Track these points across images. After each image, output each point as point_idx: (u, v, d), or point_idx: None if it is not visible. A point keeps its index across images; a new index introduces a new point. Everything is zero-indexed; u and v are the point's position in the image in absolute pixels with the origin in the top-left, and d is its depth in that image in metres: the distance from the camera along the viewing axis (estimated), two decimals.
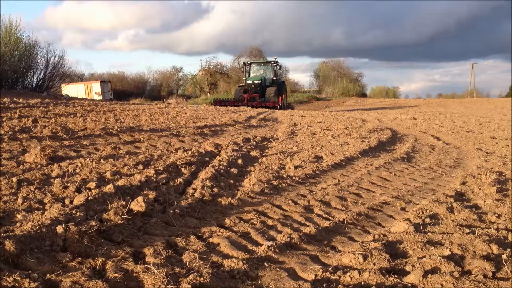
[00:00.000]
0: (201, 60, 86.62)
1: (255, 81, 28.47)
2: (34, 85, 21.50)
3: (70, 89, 27.85)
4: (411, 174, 4.85)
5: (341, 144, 6.64)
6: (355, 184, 4.16)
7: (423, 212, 3.13)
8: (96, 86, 37.28)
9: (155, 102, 17.87)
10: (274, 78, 30.18)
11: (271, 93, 28.07)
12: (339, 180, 4.32)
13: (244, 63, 31.74)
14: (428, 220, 2.96)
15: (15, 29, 20.36)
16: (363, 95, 61.74)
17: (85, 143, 5.03)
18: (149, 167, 3.94)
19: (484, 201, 3.55)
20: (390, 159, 5.68)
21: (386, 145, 7.13)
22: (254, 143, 6.18)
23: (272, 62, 30.81)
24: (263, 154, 5.38)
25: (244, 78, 30.32)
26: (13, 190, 2.82)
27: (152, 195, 2.98)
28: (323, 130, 8.47)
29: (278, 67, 30.72)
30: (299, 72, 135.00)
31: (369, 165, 5.20)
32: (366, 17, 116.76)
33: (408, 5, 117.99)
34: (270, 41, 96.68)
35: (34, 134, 5.07)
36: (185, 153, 4.75)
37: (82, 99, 17.43)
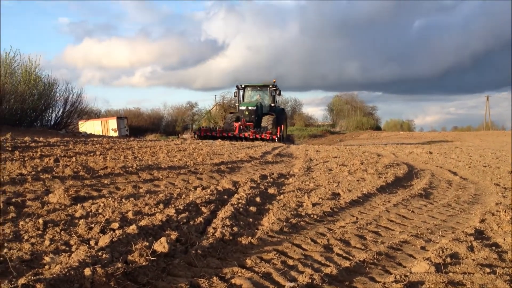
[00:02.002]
0: (215, 95, 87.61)
1: (250, 108, 24.68)
2: (52, 123, 21.91)
3: (87, 126, 28.27)
4: (429, 211, 4.85)
5: (357, 180, 6.66)
6: (373, 222, 4.17)
7: (443, 251, 3.14)
8: (112, 123, 37.84)
9: (170, 138, 17.93)
10: (272, 105, 26.64)
11: (269, 122, 24.35)
12: (357, 218, 4.34)
13: (237, 86, 27.06)
14: (448, 259, 2.97)
15: (34, 68, 20.91)
16: (378, 128, 61.74)
17: (106, 182, 5.12)
18: (170, 206, 4.00)
19: (504, 239, 3.54)
20: (407, 195, 5.68)
21: (403, 180, 7.13)
22: (271, 180, 6.23)
23: (270, 86, 26.76)
24: (281, 191, 5.42)
25: (237, 104, 26.66)
26: (40, 232, 2.90)
27: (174, 235, 3.03)
28: (339, 165, 8.49)
29: (277, 92, 26.84)
30: (313, 106, 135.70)
31: (387, 202, 5.21)
32: (381, 51, 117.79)
33: (423, 39, 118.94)
34: (284, 75, 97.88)
35: (56, 174, 5.18)
36: (203, 191, 4.82)
37: (100, 136, 17.69)
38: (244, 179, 5.81)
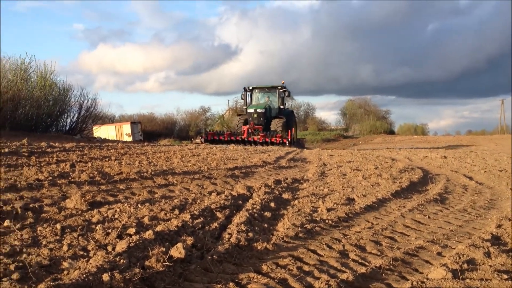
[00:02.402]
0: (228, 100, 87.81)
1: (258, 110, 23.78)
2: (67, 128, 22.13)
3: (101, 131, 28.46)
4: (445, 217, 4.81)
5: (372, 185, 6.63)
6: (389, 228, 4.16)
7: (460, 257, 3.11)
8: (126, 127, 38.08)
9: (184, 143, 17.90)
10: (282, 107, 25.77)
11: (278, 125, 23.42)
12: (372, 223, 4.32)
13: (244, 88, 26.14)
14: (465, 265, 2.94)
15: (49, 74, 21.14)
16: (391, 132, 61.42)
17: (121, 187, 5.16)
18: (185, 211, 4.03)
19: None
20: (423, 200, 5.64)
21: (418, 185, 7.08)
22: (285, 185, 6.23)
23: (279, 88, 25.77)
24: (295, 197, 5.42)
25: (244, 107, 25.74)
26: (58, 237, 2.93)
27: (190, 241, 3.05)
28: (353, 170, 8.47)
29: (286, 94, 25.92)
30: (326, 110, 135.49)
31: (402, 207, 5.18)
32: (394, 55, 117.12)
33: (437, 42, 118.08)
34: (297, 79, 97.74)
35: (72, 179, 5.23)
36: (218, 196, 4.84)
37: (114, 141, 17.81)
38: (258, 184, 5.82)
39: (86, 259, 2.52)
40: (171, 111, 64.21)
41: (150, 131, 46.94)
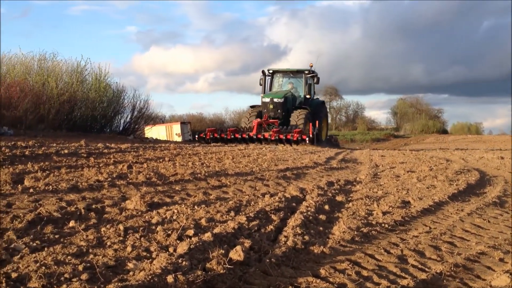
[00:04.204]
0: None
1: (275, 100, 19.27)
2: (121, 129, 22.77)
3: (152, 131, 29.09)
4: (505, 221, 4.65)
5: (427, 188, 6.49)
6: (447, 232, 4.06)
7: None
8: (176, 128, 38.74)
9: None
10: (308, 96, 20.87)
11: (299, 118, 18.85)
12: (430, 228, 4.23)
13: (263, 71, 21.10)
14: None
15: (104, 76, 21.83)
16: (444, 131, 59.78)
17: (177, 188, 5.27)
18: (240, 213, 4.07)
19: None
20: (481, 204, 5.48)
21: (475, 188, 6.87)
22: (338, 186, 6.19)
23: (306, 72, 20.92)
24: (349, 199, 5.38)
25: (261, 95, 20.53)
26: (121, 238, 3.03)
27: (247, 243, 3.08)
28: (407, 172, 8.30)
29: (315, 80, 21.01)
30: (376, 109, 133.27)
31: (460, 210, 5.05)
32: (446, 53, 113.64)
33: (491, 40, 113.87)
34: (346, 79, 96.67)
35: (130, 180, 5.39)
36: (272, 198, 4.86)
37: (165, 141, 18.18)
38: (311, 186, 5.81)
39: (150, 260, 2.59)
40: (219, 111, 65.01)
41: (200, 131, 47.58)
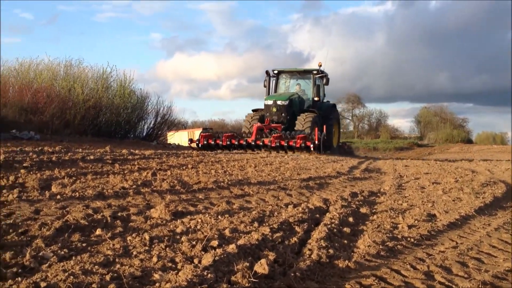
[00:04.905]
0: None
1: (279, 102, 17.75)
2: (144, 134, 23.03)
3: (175, 137, 29.35)
4: None
5: (453, 200, 6.39)
6: (474, 248, 3.98)
7: None
8: (198, 134, 38.94)
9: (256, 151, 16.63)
10: (317, 99, 18.96)
11: (306, 122, 17.18)
12: (457, 243, 4.16)
13: (267, 72, 19.40)
14: None
15: (128, 82, 22.13)
16: (469, 141, 58.84)
17: (200, 196, 5.29)
18: (264, 224, 4.07)
19: None
20: (509, 218, 5.37)
21: (502, 201, 6.74)
22: (362, 198, 6.14)
23: (314, 72, 19.24)
24: (373, 211, 5.32)
25: (265, 97, 18.85)
26: (147, 248, 3.05)
27: (272, 256, 3.08)
28: (432, 183, 8.19)
29: (324, 81, 19.26)
30: (399, 117, 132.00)
31: (487, 225, 4.95)
32: (472, 61, 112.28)
33: None
34: (369, 86, 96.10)
35: (154, 188, 5.43)
36: (295, 209, 4.84)
37: (188, 148, 18.27)
38: (334, 197, 5.77)
39: (175, 271, 2.60)
40: (241, 118, 65.15)
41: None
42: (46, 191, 4.77)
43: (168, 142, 25.65)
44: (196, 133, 39.44)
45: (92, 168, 6.93)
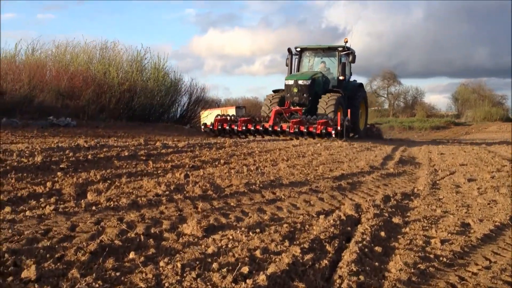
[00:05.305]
0: None
1: (300, 82, 16.58)
2: (178, 116, 23.25)
3: (208, 117, 29.67)
4: None
5: (488, 203, 6.25)
6: (508, 268, 3.91)
7: None
8: (231, 111, 39.16)
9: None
10: (342, 78, 17.89)
11: (329, 104, 16.10)
12: (490, 261, 4.08)
13: (289, 50, 18.03)
14: None
15: (162, 65, 22.29)
16: (508, 119, 57.15)
17: (232, 204, 5.34)
18: (294, 242, 4.08)
19: None
20: None
21: None
22: (395, 202, 6.07)
23: (340, 49, 18.04)
24: (406, 220, 5.26)
25: (285, 77, 17.65)
26: (178, 277, 3.10)
27: (301, 286, 3.09)
28: (467, 180, 8.02)
29: (350, 59, 18.03)
30: (436, 93, 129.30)
31: None
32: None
33: None
34: (406, 61, 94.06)
35: (187, 193, 5.51)
36: (326, 220, 4.83)
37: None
38: (366, 204, 5.72)
39: None
40: None
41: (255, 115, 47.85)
42: (82, 200, 4.90)
43: (202, 122, 25.85)
44: (230, 111, 39.68)
45: (126, 167, 7.07)
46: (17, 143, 9.46)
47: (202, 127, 16.14)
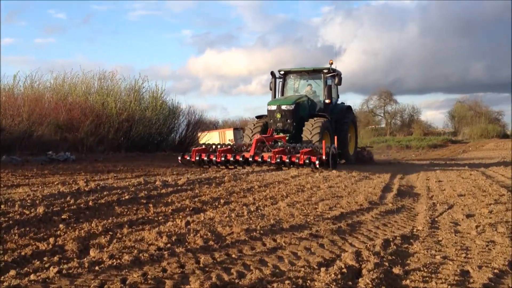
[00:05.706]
0: None
1: (284, 107, 15.86)
2: (176, 143, 23.38)
3: (206, 138, 29.81)
4: None
5: (486, 245, 6.30)
6: None
7: None
8: (229, 134, 39.46)
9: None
10: (328, 101, 17.13)
11: (314, 130, 15.35)
12: None
13: (272, 73, 17.40)
14: None
15: (160, 94, 22.49)
16: (504, 136, 57.41)
17: (233, 255, 5.39)
18: None
19: None
20: None
21: None
22: (394, 247, 6.12)
23: (325, 71, 17.44)
24: (406, 270, 5.29)
25: (268, 102, 16.95)
26: None
27: None
28: (465, 216, 8.08)
29: (336, 81, 17.47)
30: (433, 109, 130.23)
31: None
32: (510, 50, 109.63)
33: None
34: (402, 78, 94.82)
35: (188, 245, 5.57)
36: (327, 274, 4.87)
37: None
38: (367, 252, 5.77)
39: None
40: None
41: None
42: (85, 258, 4.95)
43: (200, 142, 25.75)
44: (227, 133, 39.90)
45: (127, 213, 7.13)
46: (18, 186, 9.54)
47: (179, 158, 15.08)
